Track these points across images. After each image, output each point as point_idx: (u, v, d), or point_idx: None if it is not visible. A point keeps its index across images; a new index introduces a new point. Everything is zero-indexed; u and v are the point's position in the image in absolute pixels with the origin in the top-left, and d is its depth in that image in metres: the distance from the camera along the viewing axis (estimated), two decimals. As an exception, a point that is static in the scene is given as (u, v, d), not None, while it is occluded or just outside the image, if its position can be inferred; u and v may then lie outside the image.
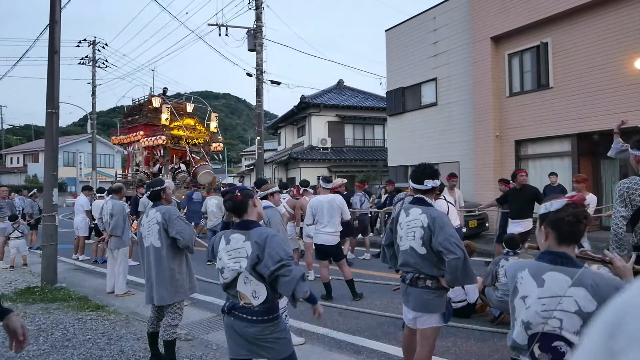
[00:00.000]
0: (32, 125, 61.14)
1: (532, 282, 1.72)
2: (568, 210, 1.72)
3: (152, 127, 14.37)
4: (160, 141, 13.39)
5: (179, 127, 14.08)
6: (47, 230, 7.26)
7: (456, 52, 13.92)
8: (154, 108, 14.61)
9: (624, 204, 3.06)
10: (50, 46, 7.39)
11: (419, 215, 3.03)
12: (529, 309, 1.70)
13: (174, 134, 13.79)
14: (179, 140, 14.02)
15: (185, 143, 14.15)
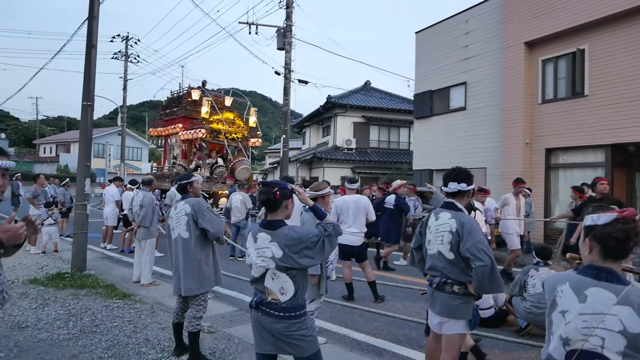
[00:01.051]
0: (64, 117, 63.19)
1: (573, 296, 1.66)
2: (617, 226, 1.64)
3: (191, 120, 13.94)
4: (200, 134, 12.97)
5: (218, 120, 13.60)
6: (78, 219, 7.48)
7: (487, 57, 13.68)
8: (192, 101, 14.19)
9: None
10: (88, 40, 7.61)
11: (448, 219, 3.01)
12: (569, 324, 1.64)
13: (213, 128, 13.34)
14: (217, 134, 13.57)
15: (224, 137, 13.70)
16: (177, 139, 14.43)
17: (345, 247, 5.93)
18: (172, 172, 13.69)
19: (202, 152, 13.76)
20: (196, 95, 14.16)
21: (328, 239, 2.54)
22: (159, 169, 15.71)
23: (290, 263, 2.47)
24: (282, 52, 15.73)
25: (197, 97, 14.09)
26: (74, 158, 38.75)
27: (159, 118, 15.90)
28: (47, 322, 4.74)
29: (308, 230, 2.57)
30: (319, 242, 2.51)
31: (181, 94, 15.07)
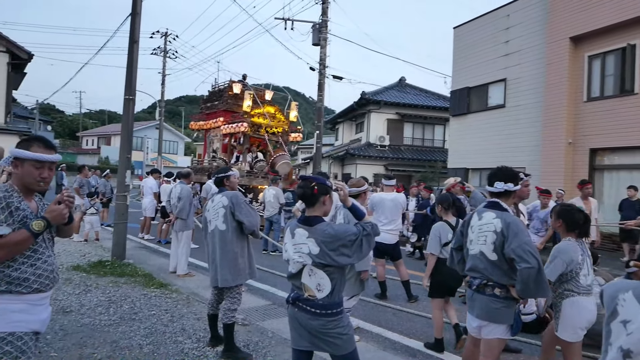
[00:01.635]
0: (106, 110, 65.57)
1: (637, 306, 1.57)
2: None
3: (232, 113, 13.78)
4: (242, 128, 12.76)
5: (259, 114, 13.39)
6: (119, 209, 7.73)
7: (529, 52, 13.21)
8: (234, 94, 14.06)
9: None
10: (130, 36, 7.83)
11: (493, 219, 2.91)
12: (631, 335, 1.55)
13: (254, 122, 13.14)
14: (258, 128, 13.36)
15: (265, 131, 13.47)
16: (217, 133, 14.27)
17: (379, 244, 5.86)
18: (212, 165, 13.61)
19: (242, 146, 13.62)
20: (237, 88, 14.04)
21: (366, 238, 2.50)
22: (199, 162, 15.57)
23: (327, 260, 2.45)
24: (317, 47, 15.73)
25: (239, 90, 13.98)
26: (114, 150, 40.23)
27: (200, 112, 15.82)
28: (90, 308, 4.93)
29: (346, 228, 2.54)
30: (356, 240, 2.48)
31: (222, 87, 14.89)
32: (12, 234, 1.99)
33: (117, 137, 43.76)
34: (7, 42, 13.95)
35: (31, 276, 2.07)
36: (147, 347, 3.94)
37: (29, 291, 2.06)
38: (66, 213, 2.14)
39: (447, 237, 4.30)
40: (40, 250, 2.13)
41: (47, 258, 2.16)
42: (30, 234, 2.02)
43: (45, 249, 2.16)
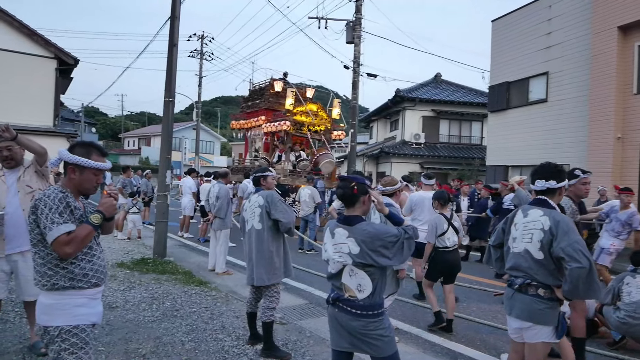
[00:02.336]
0: (146, 112, 67.80)
1: None
2: None
3: (274, 112, 13.43)
4: (285, 127, 12.38)
5: (302, 112, 13.03)
6: (160, 208, 7.96)
7: (573, 44, 12.64)
8: (275, 92, 13.72)
9: None
10: (170, 39, 8.03)
11: (540, 217, 2.78)
12: None
13: (296, 120, 12.82)
14: (301, 127, 13.05)
15: (307, 130, 13.12)
16: (259, 132, 14.00)
17: (418, 244, 5.75)
18: (253, 165, 13.39)
19: (285, 145, 13.30)
20: (279, 86, 13.72)
21: (408, 241, 2.45)
22: (240, 162, 15.40)
23: (367, 260, 2.42)
24: (351, 45, 15.65)
25: (280, 88, 13.65)
26: (154, 151, 41.55)
27: (240, 111, 15.60)
28: (134, 304, 5.09)
29: (387, 228, 2.50)
30: (397, 242, 2.43)
31: (263, 86, 14.57)
32: (78, 229, 2.14)
33: (156, 138, 45.19)
34: (55, 48, 14.65)
35: (89, 272, 2.22)
36: (189, 343, 4.02)
37: (89, 286, 2.22)
38: (116, 204, 2.31)
39: (443, 228, 4.93)
40: (94, 247, 2.29)
41: (100, 254, 2.33)
42: (92, 227, 2.18)
43: (97, 246, 2.33)
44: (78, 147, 2.31)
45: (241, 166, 14.55)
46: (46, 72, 14.50)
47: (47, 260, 2.15)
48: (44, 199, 2.14)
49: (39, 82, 14.20)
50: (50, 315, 2.15)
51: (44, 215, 2.09)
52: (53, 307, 2.15)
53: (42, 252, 2.16)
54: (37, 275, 2.18)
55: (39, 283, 2.18)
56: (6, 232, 3.37)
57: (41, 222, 2.10)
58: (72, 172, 2.26)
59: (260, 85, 14.85)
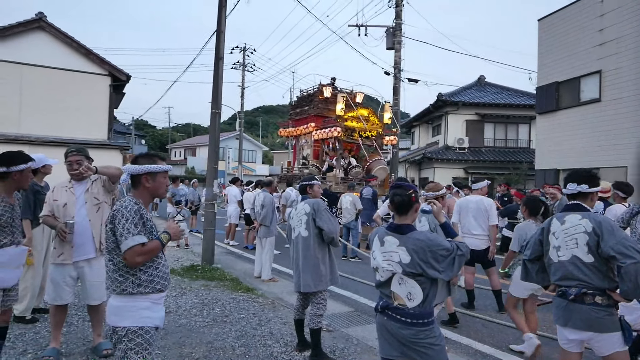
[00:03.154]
0: (191, 123, 70.30)
1: None
2: None
3: (323, 118, 13.09)
4: (335, 133, 11.94)
5: (352, 117, 12.66)
6: (207, 217, 8.21)
7: (629, 40, 11.99)
8: (324, 98, 13.39)
9: None
10: (216, 53, 8.32)
11: (579, 220, 2.75)
12: None
13: (347, 126, 12.43)
14: (352, 133, 12.64)
15: (358, 136, 12.71)
16: (308, 139, 13.65)
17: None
18: (302, 172, 13.08)
19: (336, 152, 12.82)
20: (328, 92, 13.37)
21: (459, 258, 2.43)
22: (288, 170, 15.11)
23: (417, 269, 2.40)
24: (391, 51, 15.60)
25: (329, 94, 13.34)
26: (199, 160, 42.87)
27: (288, 118, 15.29)
28: (186, 310, 5.27)
29: (440, 240, 2.47)
30: (449, 257, 2.41)
31: (312, 92, 14.20)
32: (150, 243, 2.36)
33: (201, 148, 46.68)
34: (109, 66, 15.53)
35: (155, 278, 2.41)
36: (239, 349, 4.12)
37: (154, 291, 2.40)
38: (182, 231, 2.68)
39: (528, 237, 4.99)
40: (160, 255, 2.49)
41: (164, 262, 2.52)
42: (162, 245, 2.43)
43: (162, 254, 2.53)
44: (142, 158, 2.51)
45: (290, 174, 14.24)
46: (101, 88, 15.38)
47: (119, 267, 2.35)
48: (121, 209, 2.33)
49: (94, 98, 15.08)
50: (119, 316, 2.33)
51: (121, 225, 2.28)
52: (121, 309, 2.33)
53: (116, 259, 2.35)
54: (108, 280, 2.38)
55: (109, 287, 2.37)
56: (74, 241, 3.62)
57: (117, 230, 2.29)
58: (146, 181, 2.47)
59: (308, 91, 14.49)
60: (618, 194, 5.53)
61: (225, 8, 8.30)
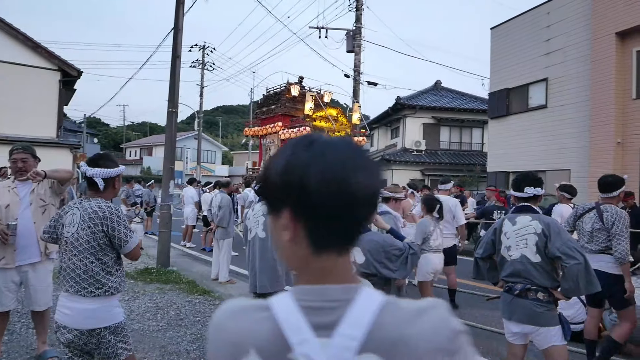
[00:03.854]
0: (147, 122, 68.16)
1: None
2: None
3: (291, 117, 12.76)
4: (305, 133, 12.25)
5: (321, 117, 12.41)
6: (163, 218, 8.01)
7: (572, 50, 12.74)
8: (292, 97, 13.06)
9: None
10: (173, 51, 8.14)
11: (530, 222, 2.92)
12: None
13: (316, 126, 12.10)
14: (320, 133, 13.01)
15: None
16: (274, 138, 13.26)
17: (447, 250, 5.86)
18: None
19: None
20: (295, 91, 13.07)
21: (412, 257, 2.51)
22: (254, 171, 14.75)
23: (371, 269, 2.46)
24: (352, 54, 15.78)
25: (297, 93, 13.05)
26: (156, 160, 41.68)
27: (254, 117, 14.94)
28: (139, 314, 5.12)
29: (393, 240, 2.54)
30: (402, 256, 2.48)
31: (279, 90, 13.84)
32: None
33: (158, 148, 45.37)
34: (59, 61, 14.80)
35: (124, 278, 2.61)
36: (194, 352, 4.05)
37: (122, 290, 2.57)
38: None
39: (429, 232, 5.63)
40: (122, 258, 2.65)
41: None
42: None
43: None
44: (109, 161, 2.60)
45: (255, 175, 13.93)
46: (50, 84, 14.64)
47: (106, 266, 2.44)
48: (116, 213, 2.46)
49: (42, 94, 14.33)
50: (97, 319, 2.41)
51: (122, 227, 2.46)
52: (97, 311, 2.41)
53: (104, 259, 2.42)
54: (83, 282, 2.36)
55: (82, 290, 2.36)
56: (17, 243, 3.43)
57: (120, 232, 2.44)
58: (118, 182, 2.65)
59: (275, 89, 14.10)
60: (564, 195, 5.88)
61: (183, 6, 8.14)
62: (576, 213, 4.08)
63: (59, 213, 2.82)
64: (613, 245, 3.69)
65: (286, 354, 0.65)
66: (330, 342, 0.65)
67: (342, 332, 0.66)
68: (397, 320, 0.67)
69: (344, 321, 0.67)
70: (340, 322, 0.67)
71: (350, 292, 0.70)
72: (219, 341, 0.72)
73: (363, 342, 0.65)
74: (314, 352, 0.65)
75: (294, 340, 0.65)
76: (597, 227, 3.82)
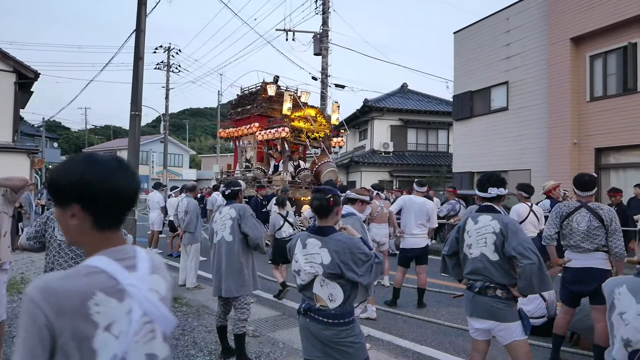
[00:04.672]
0: (111, 125, 66.20)
1: (630, 298, 1.66)
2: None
3: (267, 118, 12.21)
4: (284, 134, 11.11)
5: (300, 117, 11.84)
6: (127, 224, 7.77)
7: (531, 54, 13.25)
8: (268, 97, 12.56)
9: None
10: (135, 53, 7.95)
11: (490, 221, 3.01)
12: (628, 325, 1.64)
13: (294, 126, 11.57)
14: (299, 134, 11.73)
15: (306, 137, 11.83)
16: (250, 140, 12.77)
17: (409, 251, 5.95)
18: (246, 176, 12.20)
19: (283, 154, 11.96)
20: (272, 91, 12.54)
21: (377, 265, 2.52)
22: (229, 174, 13.90)
23: (337, 270, 2.46)
24: (319, 57, 15.86)
25: (273, 92, 12.53)
26: (120, 165, 40.21)
27: (228, 118, 14.23)
28: (101, 324, 4.95)
29: (360, 244, 2.54)
30: (368, 262, 2.49)
31: (255, 90, 13.21)
32: None
33: (122, 152, 44.01)
34: (14, 62, 14.17)
35: None
36: (160, 361, 3.95)
37: None
38: None
39: (279, 224, 6.49)
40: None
41: None
42: None
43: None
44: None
45: (231, 178, 12.84)
46: (5, 86, 13.99)
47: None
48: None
49: (-4, 97, 13.69)
50: None
51: None
52: None
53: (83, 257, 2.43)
54: None
55: None
56: None
57: None
58: None
59: (250, 89, 13.47)
60: (522, 194, 6.09)
61: (146, 6, 7.98)
62: (561, 213, 3.96)
63: (46, 216, 2.76)
64: (611, 242, 3.68)
65: (118, 287, 1.06)
66: (137, 273, 1.11)
67: (141, 267, 1.13)
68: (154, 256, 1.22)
69: (139, 262, 1.13)
70: (137, 263, 1.13)
71: (132, 248, 1.17)
72: (57, 297, 0.98)
73: (150, 269, 1.15)
74: (132, 280, 1.08)
75: (120, 278, 1.06)
76: (595, 225, 3.71)
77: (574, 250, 3.83)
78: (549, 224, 4.02)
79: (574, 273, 3.83)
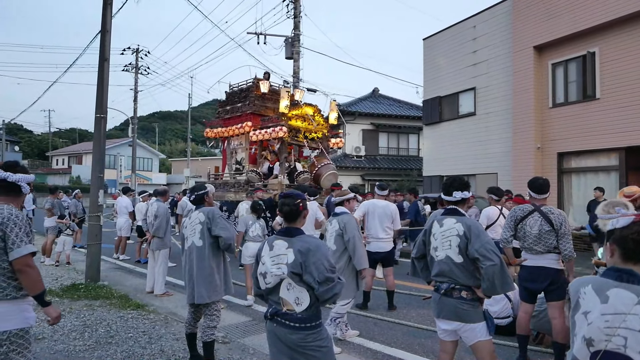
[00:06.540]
0: (76, 128, 64.11)
1: (595, 297, 1.67)
2: (634, 228, 1.67)
3: (261, 116, 11.29)
4: (281, 134, 10.24)
5: (297, 116, 11.03)
6: (92, 230, 7.55)
7: (496, 61, 13.66)
8: (261, 94, 11.62)
9: None
10: (100, 54, 7.74)
11: (454, 224, 3.09)
12: (591, 325, 1.65)
13: (292, 125, 10.72)
14: (297, 133, 10.87)
15: (303, 137, 11.04)
16: (242, 141, 11.87)
17: (374, 254, 5.98)
18: (236, 179, 11.55)
19: (280, 155, 11.20)
20: (265, 87, 11.62)
21: (338, 285, 2.49)
22: (217, 177, 12.85)
23: (298, 270, 2.45)
24: (291, 61, 15.86)
25: (266, 89, 11.65)
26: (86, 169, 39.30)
27: (216, 117, 13.09)
28: (63, 334, 4.78)
29: (328, 253, 2.55)
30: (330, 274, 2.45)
31: (246, 87, 12.10)
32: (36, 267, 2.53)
33: (88, 156, 42.76)
34: (-30, 62, 13.56)
35: None
36: (125, 371, 3.84)
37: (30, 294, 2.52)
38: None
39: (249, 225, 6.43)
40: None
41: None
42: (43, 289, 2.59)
43: None
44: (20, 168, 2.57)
45: (220, 182, 12.13)
46: (-39, 86, 13.35)
47: (1, 273, 2.40)
48: (13, 218, 2.40)
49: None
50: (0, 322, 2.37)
51: (14, 233, 2.38)
52: (4, 314, 2.37)
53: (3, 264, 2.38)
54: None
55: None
56: None
57: (10, 238, 2.37)
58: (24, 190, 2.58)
59: (240, 86, 12.41)
60: (492, 197, 6.26)
61: (111, 7, 7.79)
62: (515, 217, 4.07)
63: None
64: (561, 245, 3.86)
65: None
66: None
67: None
68: None
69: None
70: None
71: None
72: None
73: None
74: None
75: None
76: (546, 229, 3.86)
77: (528, 251, 4.07)
78: (505, 227, 4.24)
79: (529, 271, 4.06)
